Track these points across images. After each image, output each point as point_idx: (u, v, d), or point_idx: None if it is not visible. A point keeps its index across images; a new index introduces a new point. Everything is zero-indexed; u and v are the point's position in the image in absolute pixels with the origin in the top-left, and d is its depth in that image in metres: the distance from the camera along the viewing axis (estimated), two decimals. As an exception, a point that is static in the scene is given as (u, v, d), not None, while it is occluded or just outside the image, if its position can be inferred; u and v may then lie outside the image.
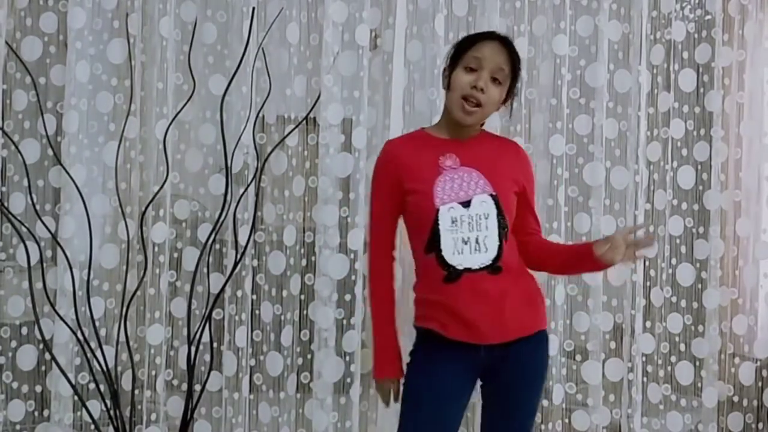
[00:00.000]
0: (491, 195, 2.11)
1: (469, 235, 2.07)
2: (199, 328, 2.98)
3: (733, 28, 3.31)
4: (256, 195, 3.03)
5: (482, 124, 2.28)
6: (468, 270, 2.07)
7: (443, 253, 2.07)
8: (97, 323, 2.94)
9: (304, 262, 3.10)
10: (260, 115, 3.05)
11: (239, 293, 3.05)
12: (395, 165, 2.19)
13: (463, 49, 2.16)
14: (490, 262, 2.08)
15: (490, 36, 2.18)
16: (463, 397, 2.16)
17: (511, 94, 2.20)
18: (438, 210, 2.09)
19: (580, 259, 2.17)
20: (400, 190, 2.16)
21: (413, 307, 2.24)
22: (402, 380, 2.19)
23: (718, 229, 3.25)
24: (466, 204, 2.08)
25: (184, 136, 3.11)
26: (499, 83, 2.12)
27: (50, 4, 2.98)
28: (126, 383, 3.01)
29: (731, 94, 3.29)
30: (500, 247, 2.10)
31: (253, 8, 2.97)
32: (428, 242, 2.10)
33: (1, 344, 2.94)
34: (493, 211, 2.10)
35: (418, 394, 2.12)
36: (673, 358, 3.28)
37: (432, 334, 2.13)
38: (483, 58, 2.11)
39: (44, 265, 2.88)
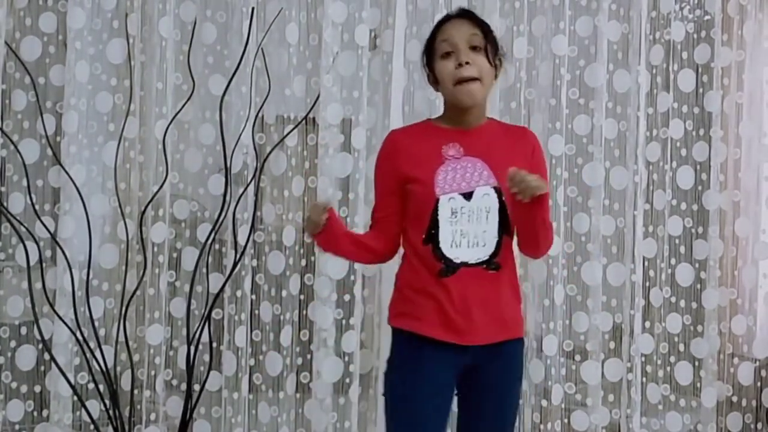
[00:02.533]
0: (495, 188, 2.03)
1: (469, 228, 2.01)
2: (198, 328, 2.98)
3: (732, 29, 3.31)
4: (256, 195, 3.03)
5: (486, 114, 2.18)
6: (465, 264, 2.01)
7: (441, 245, 2.02)
8: (96, 323, 2.94)
9: (303, 262, 3.10)
10: (259, 115, 3.06)
11: (239, 293, 3.05)
12: (396, 153, 2.12)
13: (431, 43, 2.11)
14: (488, 257, 2.02)
15: (448, 17, 2.14)
16: (446, 401, 2.10)
17: (497, 57, 2.11)
18: (438, 199, 2.02)
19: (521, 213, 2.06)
20: (402, 178, 2.09)
21: (392, 300, 2.19)
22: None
23: (717, 229, 3.25)
24: (468, 195, 2.02)
25: (184, 136, 3.11)
26: (480, 49, 2.05)
27: (50, 4, 2.98)
28: (125, 383, 3.02)
29: (730, 95, 3.29)
30: (499, 243, 2.03)
31: (253, 8, 2.98)
32: (427, 232, 2.03)
33: (1, 344, 2.94)
34: (495, 205, 2.02)
35: (406, 402, 2.04)
36: (672, 359, 3.28)
37: (413, 336, 2.06)
38: (451, 37, 2.05)
39: (43, 265, 2.88)
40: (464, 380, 2.11)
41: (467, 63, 2.02)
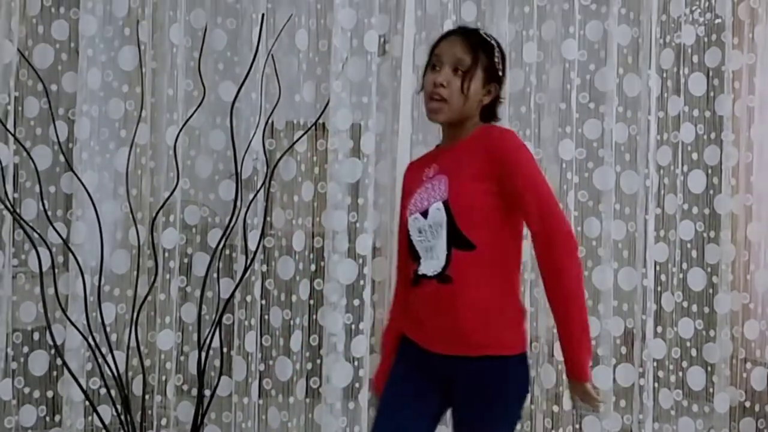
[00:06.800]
0: (443, 202, 2.03)
1: (432, 242, 2.05)
2: (209, 333, 2.99)
3: (743, 32, 3.30)
4: (266, 200, 3.04)
5: (487, 121, 2.15)
6: (424, 276, 2.06)
7: (421, 260, 2.08)
8: (108, 328, 2.96)
9: (313, 267, 3.11)
10: (270, 121, 3.07)
11: (249, 298, 3.06)
12: (405, 186, 2.24)
13: (431, 51, 2.15)
14: (439, 270, 2.03)
15: (450, 32, 2.18)
16: (418, 402, 2.12)
17: (493, 80, 2.10)
18: (407, 222, 2.12)
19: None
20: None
21: None
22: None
23: (729, 233, 3.24)
24: (425, 213, 2.07)
25: (195, 142, 3.13)
26: (462, 74, 2.06)
27: (62, 11, 3.01)
28: (137, 388, 3.03)
29: (741, 98, 3.29)
30: (448, 256, 2.02)
31: (263, 15, 2.99)
32: (408, 251, 2.13)
33: (13, 349, 2.97)
34: (443, 219, 2.03)
35: (383, 396, 2.19)
36: (685, 363, 3.26)
37: (404, 337, 2.17)
38: (441, 54, 2.09)
39: (56, 270, 2.90)
40: (448, 393, 2.10)
41: (441, 85, 2.06)
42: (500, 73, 2.13)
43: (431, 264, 2.05)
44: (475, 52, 2.08)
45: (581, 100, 3.18)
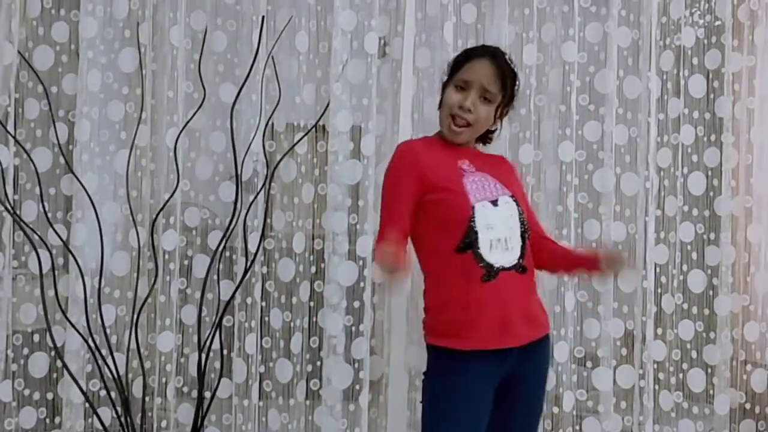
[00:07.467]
0: (511, 196, 2.16)
1: (501, 234, 2.08)
2: (209, 335, 2.99)
3: (742, 34, 3.30)
4: (266, 202, 3.04)
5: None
6: (503, 269, 2.07)
7: (481, 251, 2.04)
8: (108, 330, 2.96)
9: (313, 269, 3.11)
10: (270, 122, 3.07)
11: (249, 300, 3.06)
12: (417, 160, 2.14)
13: (456, 67, 2.20)
14: (517, 261, 2.10)
15: (481, 53, 2.20)
16: (485, 412, 2.12)
17: (506, 107, 2.23)
18: (474, 207, 2.07)
19: (585, 264, 2.25)
20: (423, 183, 2.10)
21: (427, 321, 2.18)
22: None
23: (729, 235, 3.23)
24: (495, 203, 2.12)
25: (195, 144, 3.13)
26: (488, 101, 2.15)
27: (62, 13, 3.01)
28: (137, 390, 3.03)
29: (741, 100, 3.29)
30: (523, 247, 2.13)
31: (263, 17, 2.99)
32: (462, 240, 2.05)
33: (13, 351, 2.96)
34: (516, 212, 2.14)
35: (454, 413, 2.04)
36: (685, 365, 3.26)
37: (455, 352, 2.07)
38: (471, 79, 2.14)
39: (56, 272, 2.90)
40: (501, 383, 2.15)
41: (468, 110, 2.14)
42: (514, 101, 2.24)
43: (505, 256, 2.08)
44: (504, 81, 2.16)
45: (581, 102, 3.18)
